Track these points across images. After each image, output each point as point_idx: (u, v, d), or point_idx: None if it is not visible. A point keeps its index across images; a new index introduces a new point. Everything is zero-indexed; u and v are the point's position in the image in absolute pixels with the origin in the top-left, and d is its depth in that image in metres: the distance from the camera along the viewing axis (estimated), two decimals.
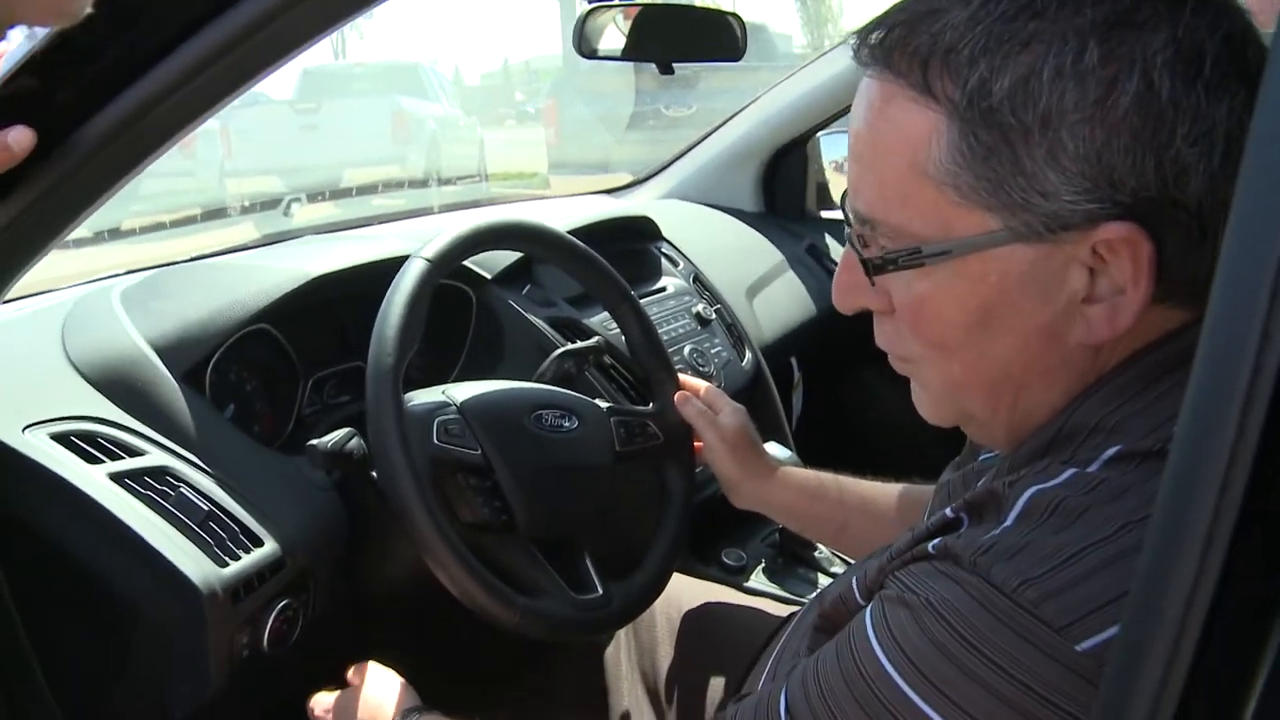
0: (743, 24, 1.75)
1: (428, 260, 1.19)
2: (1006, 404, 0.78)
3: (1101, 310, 0.71)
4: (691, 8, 1.99)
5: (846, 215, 0.80)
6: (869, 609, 0.73)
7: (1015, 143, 0.68)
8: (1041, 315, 0.73)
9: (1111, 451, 0.70)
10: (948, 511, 0.75)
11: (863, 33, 0.75)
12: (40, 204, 0.94)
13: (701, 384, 1.40)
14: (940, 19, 0.70)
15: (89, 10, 0.59)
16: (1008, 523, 0.69)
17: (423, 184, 9.85)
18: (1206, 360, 0.47)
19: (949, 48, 0.69)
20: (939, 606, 0.67)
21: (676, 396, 1.36)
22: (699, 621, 1.39)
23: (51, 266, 1.17)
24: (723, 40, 1.73)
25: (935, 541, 0.72)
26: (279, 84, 12.90)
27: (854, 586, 0.82)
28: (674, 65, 1.76)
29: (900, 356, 0.82)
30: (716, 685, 1.29)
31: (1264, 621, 0.46)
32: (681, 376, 1.41)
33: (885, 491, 1.28)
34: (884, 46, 0.73)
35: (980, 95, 0.68)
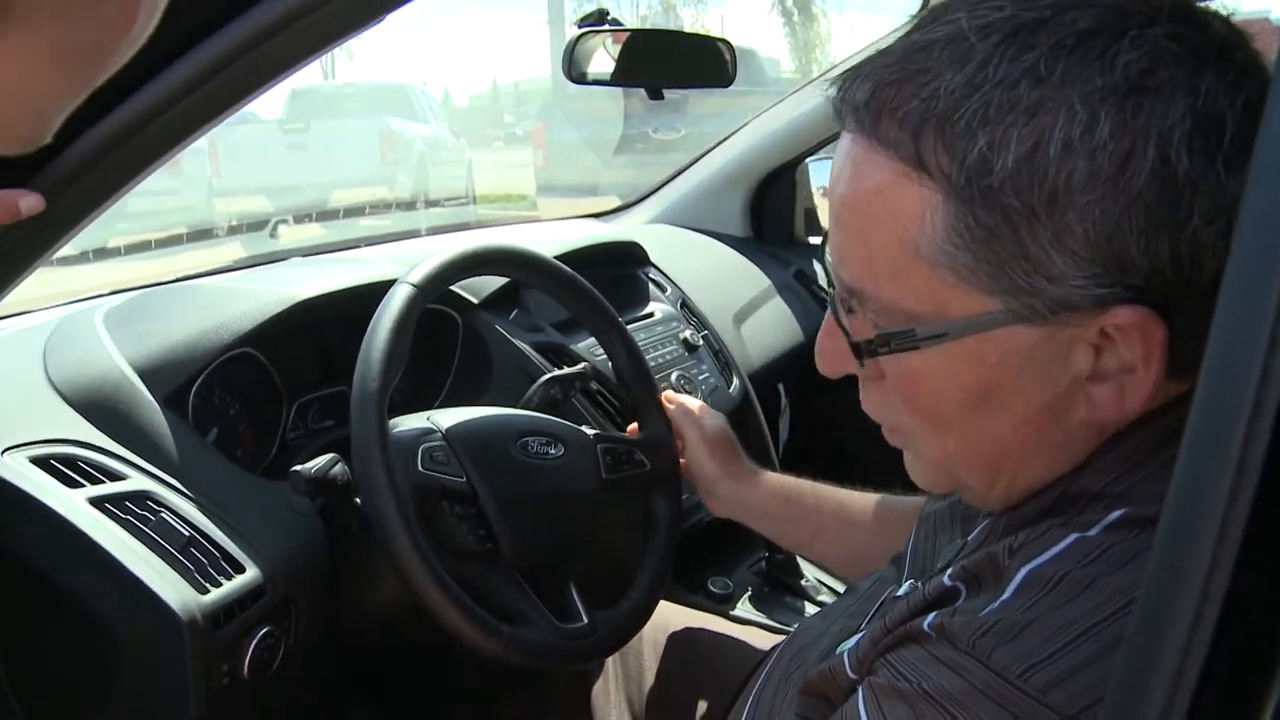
0: (732, 50, 1.75)
1: (414, 285, 1.19)
2: (1005, 479, 0.73)
3: (1108, 390, 0.66)
4: (681, 34, 1.99)
5: (830, 278, 0.75)
6: (862, 701, 0.68)
7: (1019, 225, 0.62)
8: (1043, 395, 0.68)
9: (1115, 515, 0.66)
10: (945, 579, 0.70)
11: (843, 86, 0.69)
12: (27, 222, 0.94)
13: (687, 399, 1.41)
14: (933, 81, 0.63)
15: (48, 140, 0.57)
16: (1006, 596, 0.65)
17: (411, 206, 9.86)
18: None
19: (943, 116, 0.63)
20: (938, 697, 0.63)
21: (663, 396, 1.37)
22: (685, 650, 1.38)
23: (34, 285, 1.16)
24: (712, 67, 1.73)
25: (930, 619, 0.67)
26: (268, 104, 12.94)
27: (845, 661, 0.76)
28: (663, 91, 1.76)
29: (891, 428, 0.78)
30: (703, 714, 1.28)
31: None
32: (668, 394, 1.41)
33: (862, 500, 1.27)
34: (870, 109, 0.66)
35: (980, 173, 0.62)
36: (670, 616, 1.42)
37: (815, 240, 2.55)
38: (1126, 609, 0.59)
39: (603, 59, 1.68)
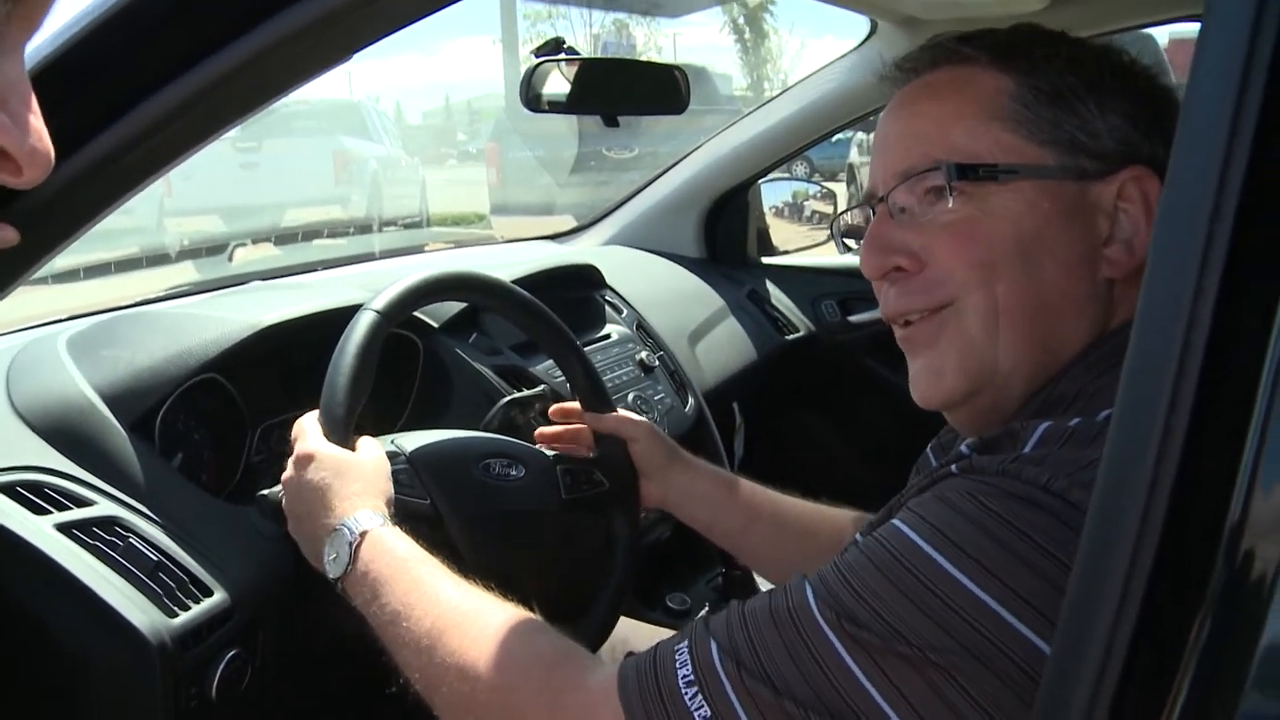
0: (686, 77, 1.79)
1: (378, 312, 1.21)
2: (1039, 341, 0.86)
3: (1119, 249, 0.86)
4: (636, 62, 2.03)
5: (882, 193, 0.91)
6: (896, 519, 0.77)
7: (1069, 95, 0.86)
8: (1079, 246, 0.86)
9: (1106, 414, 0.76)
10: (963, 448, 0.81)
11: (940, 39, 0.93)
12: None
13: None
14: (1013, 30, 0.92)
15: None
16: (1026, 449, 0.77)
17: (366, 227, 9.79)
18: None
19: (1019, 44, 0.90)
20: (973, 493, 0.74)
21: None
22: None
23: None
24: (666, 93, 1.77)
25: (955, 465, 0.78)
26: None
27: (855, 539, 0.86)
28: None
29: (934, 303, 0.89)
30: None
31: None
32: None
33: (798, 503, 1.34)
34: (961, 42, 0.91)
35: (1045, 62, 0.87)
36: (629, 632, 1.44)
37: (768, 260, 2.60)
38: None
39: (559, 86, 1.71)
